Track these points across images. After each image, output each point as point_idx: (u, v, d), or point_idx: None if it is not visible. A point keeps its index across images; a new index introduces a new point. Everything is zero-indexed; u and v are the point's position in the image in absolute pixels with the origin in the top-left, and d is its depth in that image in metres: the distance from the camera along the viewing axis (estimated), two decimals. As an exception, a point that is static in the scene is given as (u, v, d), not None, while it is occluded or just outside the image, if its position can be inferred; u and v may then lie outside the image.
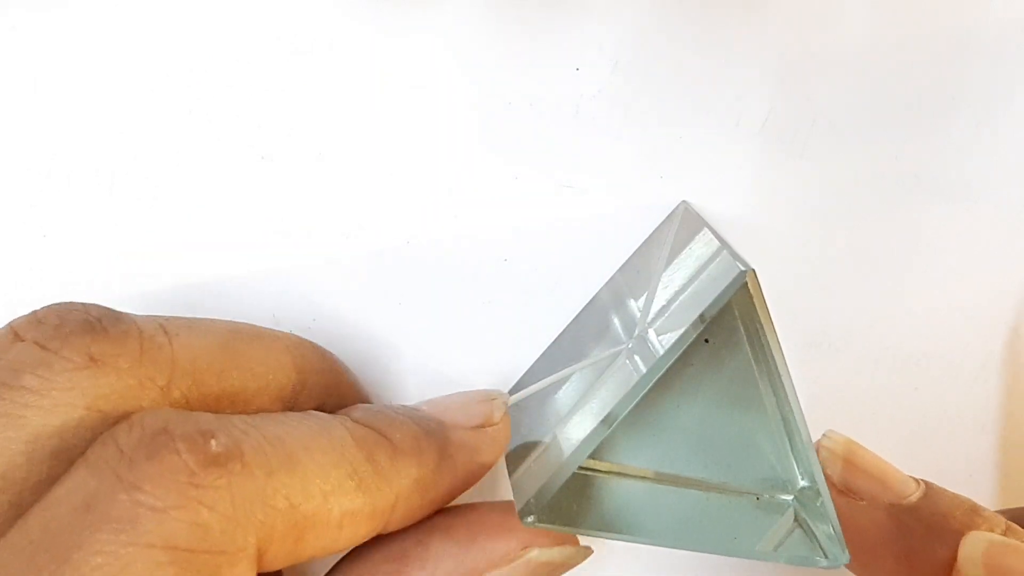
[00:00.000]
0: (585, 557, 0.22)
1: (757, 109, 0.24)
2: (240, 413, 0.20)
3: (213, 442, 0.16)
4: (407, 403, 0.24)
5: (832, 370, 0.25)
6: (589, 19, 0.24)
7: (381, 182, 0.24)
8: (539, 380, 0.24)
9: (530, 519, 0.20)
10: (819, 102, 0.24)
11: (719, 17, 0.24)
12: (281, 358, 0.21)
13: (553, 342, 0.25)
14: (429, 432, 0.20)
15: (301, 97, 0.24)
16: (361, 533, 0.19)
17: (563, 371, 0.23)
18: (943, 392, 0.26)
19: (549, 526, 0.21)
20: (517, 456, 0.22)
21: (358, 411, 0.20)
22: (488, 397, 0.22)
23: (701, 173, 0.25)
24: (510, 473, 0.22)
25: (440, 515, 0.22)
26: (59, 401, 0.17)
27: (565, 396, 0.22)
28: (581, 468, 0.22)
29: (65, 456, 0.17)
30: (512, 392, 0.24)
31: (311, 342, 0.23)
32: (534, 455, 0.21)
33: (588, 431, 0.20)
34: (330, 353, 0.23)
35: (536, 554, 0.21)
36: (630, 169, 0.24)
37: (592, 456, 0.22)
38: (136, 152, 0.24)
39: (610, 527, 0.22)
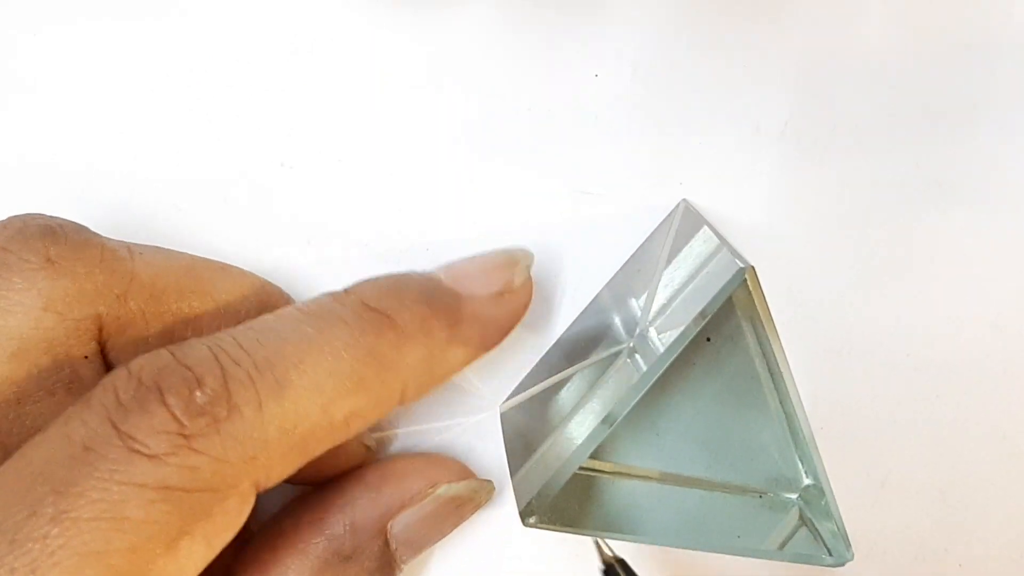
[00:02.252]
0: (490, 493, 0.23)
1: (776, 115, 0.24)
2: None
3: (198, 393, 0.16)
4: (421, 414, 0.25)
5: (853, 377, 0.25)
6: (608, 25, 0.24)
7: (399, 188, 0.24)
8: (541, 381, 0.24)
9: (532, 520, 0.20)
10: (839, 108, 0.24)
11: (738, 23, 0.24)
12: (245, 292, 0.22)
13: (555, 343, 0.25)
14: (439, 308, 0.20)
15: (311, 100, 0.24)
16: (370, 420, 0.19)
17: (565, 371, 0.23)
18: (964, 399, 0.26)
19: (551, 527, 0.21)
20: (519, 457, 0.22)
21: (370, 288, 0.20)
22: (510, 261, 0.22)
23: (720, 179, 0.24)
24: (512, 474, 0.22)
25: (357, 467, 0.23)
26: (16, 301, 0.18)
27: (567, 396, 0.22)
28: (584, 468, 0.22)
29: (24, 357, 0.18)
30: (514, 393, 0.24)
31: (281, 289, 0.23)
32: (536, 456, 0.21)
33: (589, 431, 0.20)
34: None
35: (444, 489, 0.22)
36: (649, 175, 0.24)
37: (595, 456, 0.22)
38: (136, 152, 0.24)
39: (614, 527, 0.22)
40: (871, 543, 0.26)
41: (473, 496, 0.23)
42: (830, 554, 0.21)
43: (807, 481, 0.22)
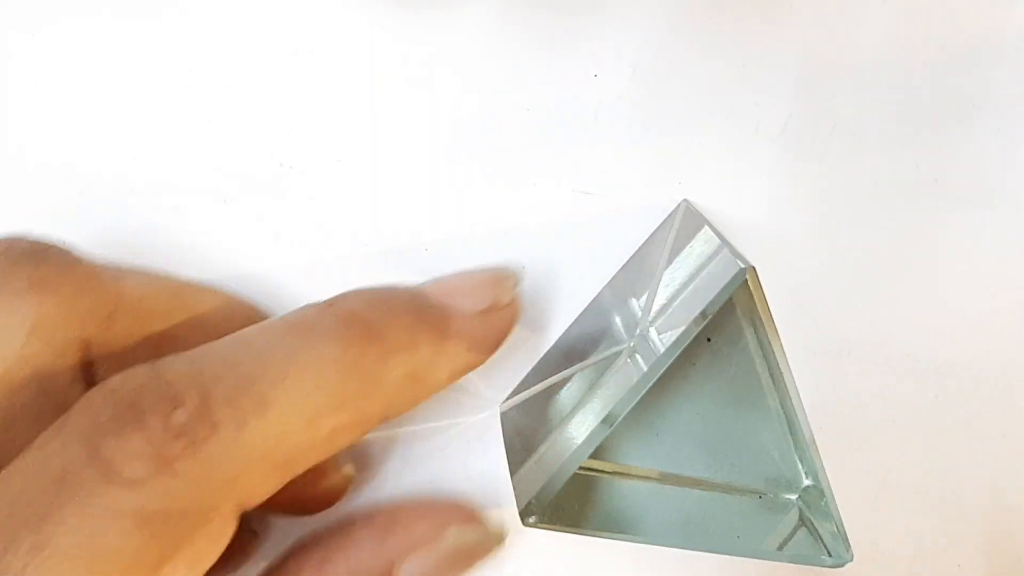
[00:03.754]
0: (501, 540, 0.22)
1: (776, 115, 0.24)
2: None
3: (178, 412, 0.16)
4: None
5: (851, 378, 0.25)
6: (607, 25, 0.24)
7: (399, 188, 0.24)
8: (541, 381, 0.24)
9: (532, 520, 0.20)
10: (838, 108, 0.24)
11: (738, 23, 0.24)
12: (233, 316, 0.21)
13: (555, 343, 0.25)
14: (427, 321, 0.20)
15: (311, 100, 0.24)
16: (354, 437, 0.19)
17: (565, 371, 0.23)
18: (963, 400, 0.25)
19: (551, 527, 0.21)
20: (519, 456, 0.22)
21: (355, 299, 0.19)
22: (499, 278, 0.21)
23: (719, 179, 0.24)
24: (512, 473, 0.22)
25: (364, 506, 0.22)
26: (2, 325, 0.17)
27: (567, 396, 0.22)
28: (584, 468, 0.22)
29: (9, 382, 0.18)
30: (514, 393, 0.24)
31: (269, 315, 0.23)
32: (536, 455, 0.21)
33: (589, 431, 0.20)
34: None
35: (453, 534, 0.21)
36: (648, 175, 0.24)
37: (595, 456, 0.22)
38: (136, 152, 0.24)
39: (614, 528, 0.22)
40: (871, 543, 0.26)
41: (484, 541, 0.22)
42: (830, 555, 0.21)
43: (807, 482, 0.22)
